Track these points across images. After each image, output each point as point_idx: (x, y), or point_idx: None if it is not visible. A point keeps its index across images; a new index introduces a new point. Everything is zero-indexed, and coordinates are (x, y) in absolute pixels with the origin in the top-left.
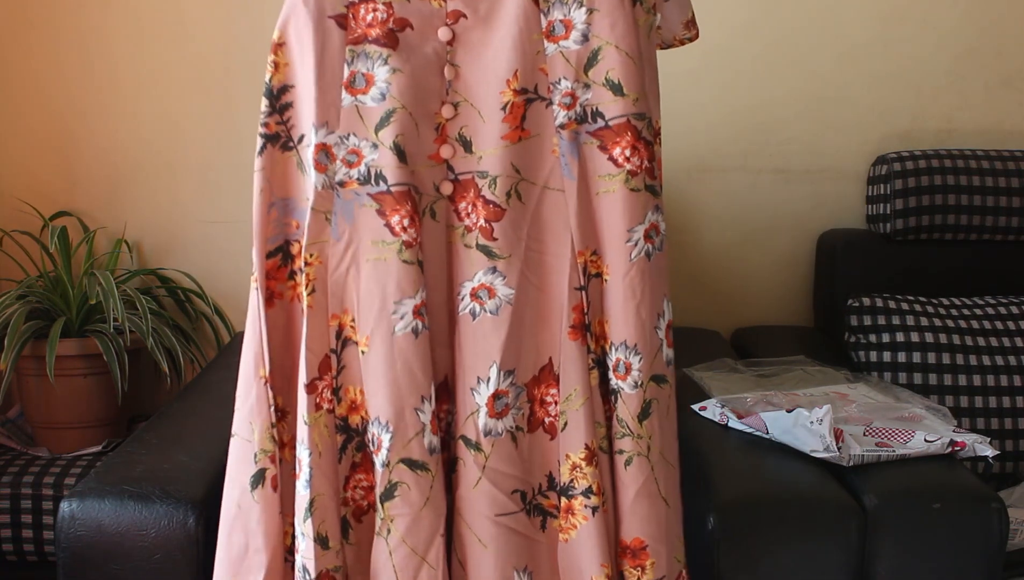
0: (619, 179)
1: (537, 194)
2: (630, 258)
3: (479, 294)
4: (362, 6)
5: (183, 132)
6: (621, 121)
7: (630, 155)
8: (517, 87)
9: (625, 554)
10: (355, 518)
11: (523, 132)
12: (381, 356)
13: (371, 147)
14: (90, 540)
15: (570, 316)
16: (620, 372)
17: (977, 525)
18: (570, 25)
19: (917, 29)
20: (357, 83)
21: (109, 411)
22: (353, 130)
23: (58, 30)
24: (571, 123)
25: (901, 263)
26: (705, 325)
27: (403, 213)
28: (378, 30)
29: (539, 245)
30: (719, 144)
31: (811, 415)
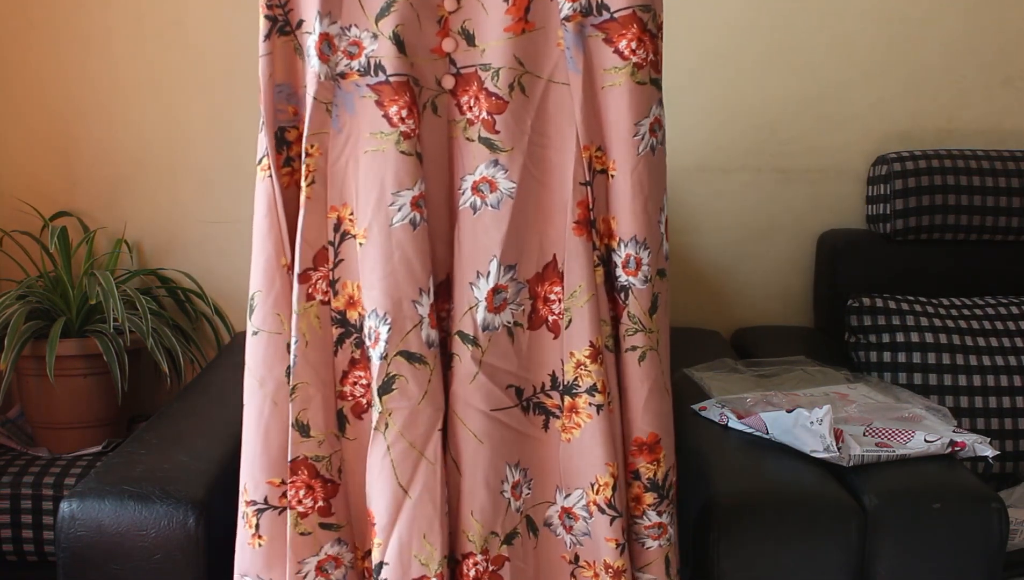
0: (625, 72)
1: (542, 87)
2: (637, 152)
3: (480, 188)
4: None
5: (183, 132)
6: (627, 13)
7: (636, 48)
8: None
9: (641, 451)
10: (354, 414)
11: (527, 24)
12: (379, 247)
13: (371, 38)
14: (90, 540)
15: (575, 212)
16: (631, 268)
17: (977, 525)
18: None
19: (917, 29)
20: None
21: (109, 411)
22: (354, 21)
23: (58, 30)
24: (576, 15)
25: (901, 263)
26: (705, 325)
27: (401, 104)
28: None
29: (543, 139)
30: (719, 144)
31: (811, 415)
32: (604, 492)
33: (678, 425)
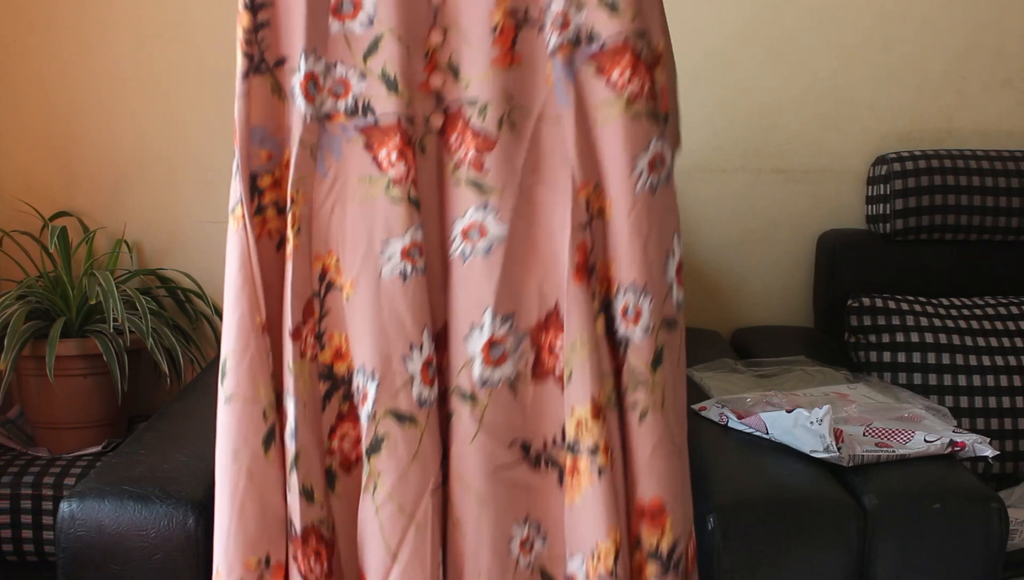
0: (619, 106)
1: (532, 124)
2: (634, 191)
3: (470, 234)
4: None
5: (183, 132)
6: (618, 42)
7: (629, 79)
8: (508, 7)
9: (643, 516)
10: (343, 469)
11: (514, 56)
12: (367, 301)
13: (359, 76)
14: (90, 540)
15: (573, 256)
16: (630, 317)
17: (977, 525)
18: None
19: (917, 29)
20: (344, 8)
21: (109, 411)
22: (340, 58)
23: (58, 31)
24: (565, 46)
25: (901, 263)
26: (705, 325)
27: (391, 146)
28: None
29: (536, 178)
30: (719, 144)
31: (811, 415)
32: (605, 561)
33: None
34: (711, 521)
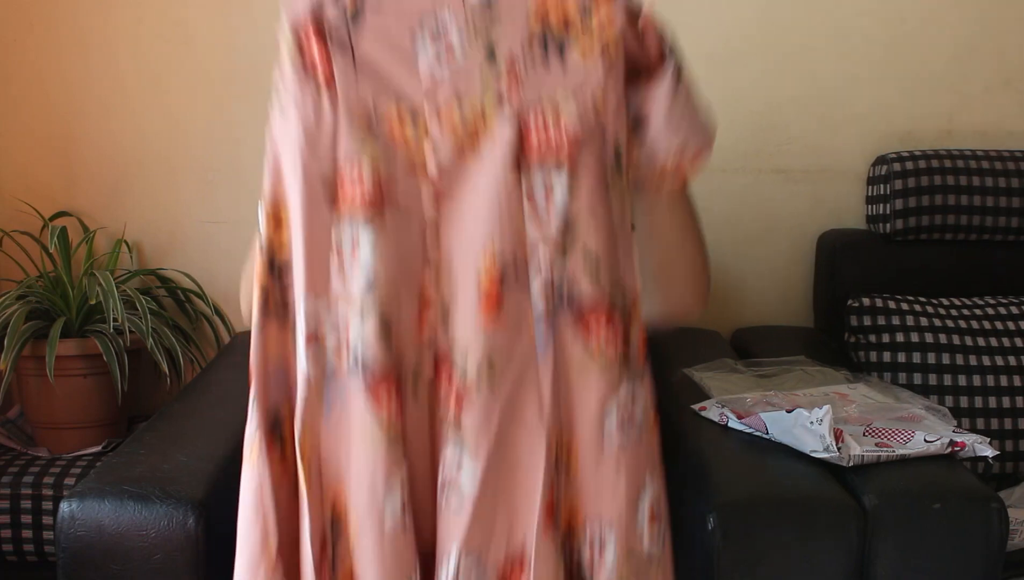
0: (594, 358)
1: (509, 381)
2: (602, 442)
3: (448, 487)
4: (348, 168)
5: (183, 132)
6: (596, 297)
7: (605, 330)
8: (494, 251)
9: None
10: None
11: (500, 314)
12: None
13: (359, 320)
14: (90, 540)
15: (544, 497)
16: (595, 555)
17: (977, 525)
18: (550, 190)
19: (917, 29)
20: (343, 250)
21: (109, 411)
22: (340, 297)
23: (58, 31)
24: (549, 300)
25: (901, 263)
26: (705, 325)
27: (385, 390)
28: (365, 196)
29: (511, 427)
30: (719, 144)
31: (811, 415)
32: None
33: (678, 425)
34: (711, 521)
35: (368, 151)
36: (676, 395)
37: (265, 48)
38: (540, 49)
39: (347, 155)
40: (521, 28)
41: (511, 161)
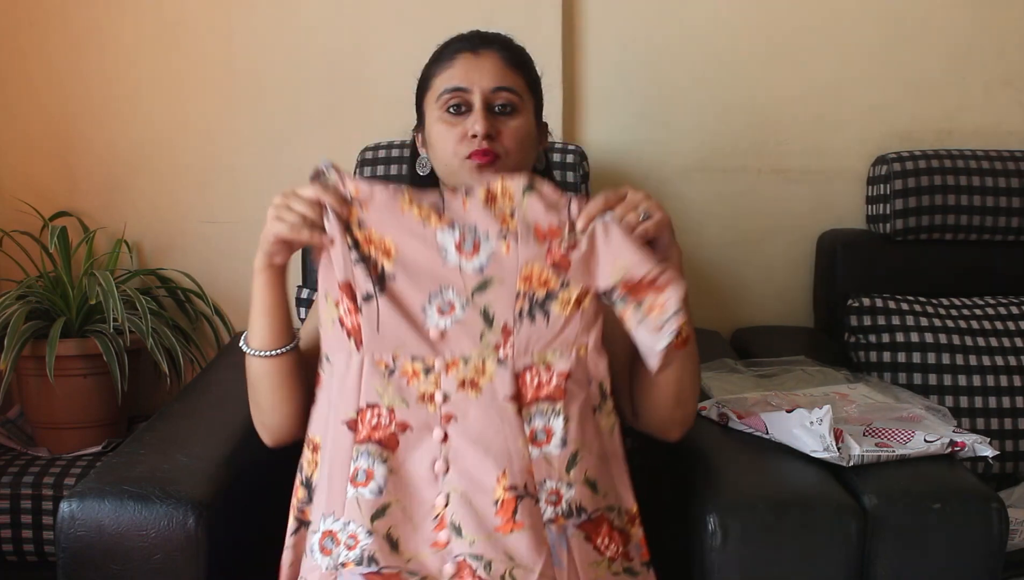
0: (603, 565)
1: (533, 574)
2: None
3: None
4: (368, 411)
5: (183, 132)
6: (598, 514)
7: (608, 542)
8: (507, 483)
9: None
10: None
11: (515, 524)
12: None
13: (366, 533)
14: (90, 540)
15: None
16: None
17: (977, 525)
18: (550, 432)
19: (917, 29)
20: (359, 478)
21: (109, 411)
22: (352, 518)
23: (58, 31)
24: (558, 519)
25: (901, 263)
26: (705, 325)
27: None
28: (381, 433)
29: None
30: (719, 144)
31: (811, 415)
32: None
33: None
34: (711, 521)
35: (386, 399)
36: None
37: (264, 48)
38: (527, 310)
39: (368, 401)
40: (510, 293)
41: (512, 404)
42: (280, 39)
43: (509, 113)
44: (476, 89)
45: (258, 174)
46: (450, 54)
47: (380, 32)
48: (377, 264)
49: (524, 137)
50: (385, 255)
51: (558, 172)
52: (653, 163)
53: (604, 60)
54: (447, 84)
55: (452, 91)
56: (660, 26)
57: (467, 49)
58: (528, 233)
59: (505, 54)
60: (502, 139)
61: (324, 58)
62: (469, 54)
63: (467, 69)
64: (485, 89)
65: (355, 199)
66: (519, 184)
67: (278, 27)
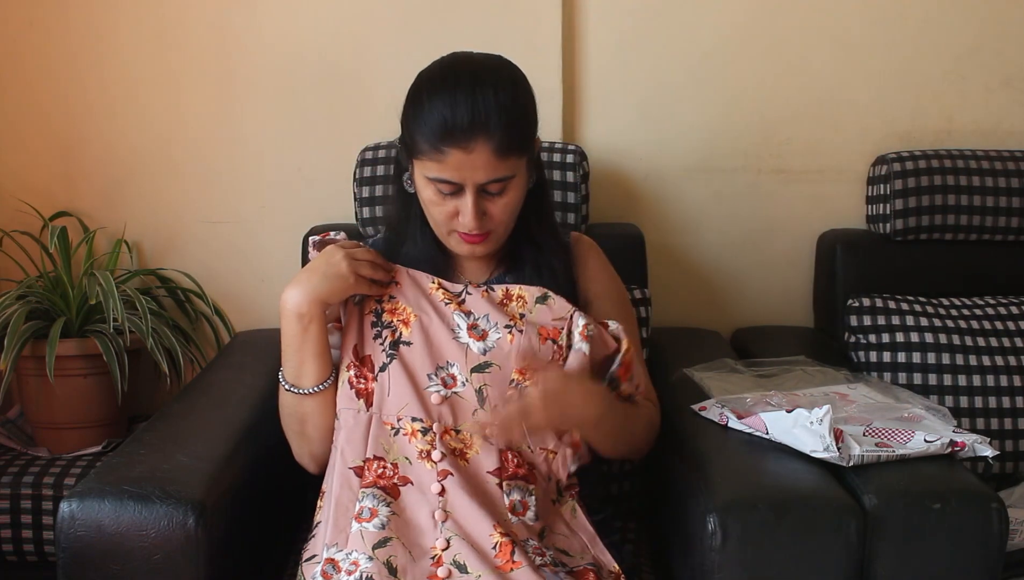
0: None
1: None
2: None
3: None
4: (375, 462)
5: (183, 132)
6: (580, 568)
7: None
8: (501, 532)
9: None
10: None
11: (514, 563)
12: None
13: (367, 559)
14: (90, 540)
15: None
16: None
17: (977, 525)
18: (526, 506)
19: (917, 29)
20: (363, 515)
21: (109, 411)
22: (355, 548)
23: (58, 30)
24: (548, 565)
25: (901, 263)
26: (705, 325)
27: None
28: (385, 482)
29: None
30: (719, 144)
31: (811, 415)
32: None
33: (678, 425)
34: (711, 521)
35: (391, 455)
36: (676, 395)
37: (264, 48)
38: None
39: (375, 454)
40: (505, 379)
41: (494, 477)
42: (280, 39)
43: (501, 192)
44: (468, 183)
45: (258, 174)
46: (439, 144)
47: (380, 32)
48: (396, 330)
49: (515, 205)
50: (404, 324)
51: (558, 172)
52: (653, 163)
53: (604, 60)
54: (438, 174)
55: (443, 182)
56: (660, 26)
57: (458, 145)
58: (532, 331)
59: (497, 142)
60: (493, 216)
61: (324, 58)
62: (460, 152)
63: (459, 167)
64: (477, 182)
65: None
66: (534, 294)
67: (277, 27)
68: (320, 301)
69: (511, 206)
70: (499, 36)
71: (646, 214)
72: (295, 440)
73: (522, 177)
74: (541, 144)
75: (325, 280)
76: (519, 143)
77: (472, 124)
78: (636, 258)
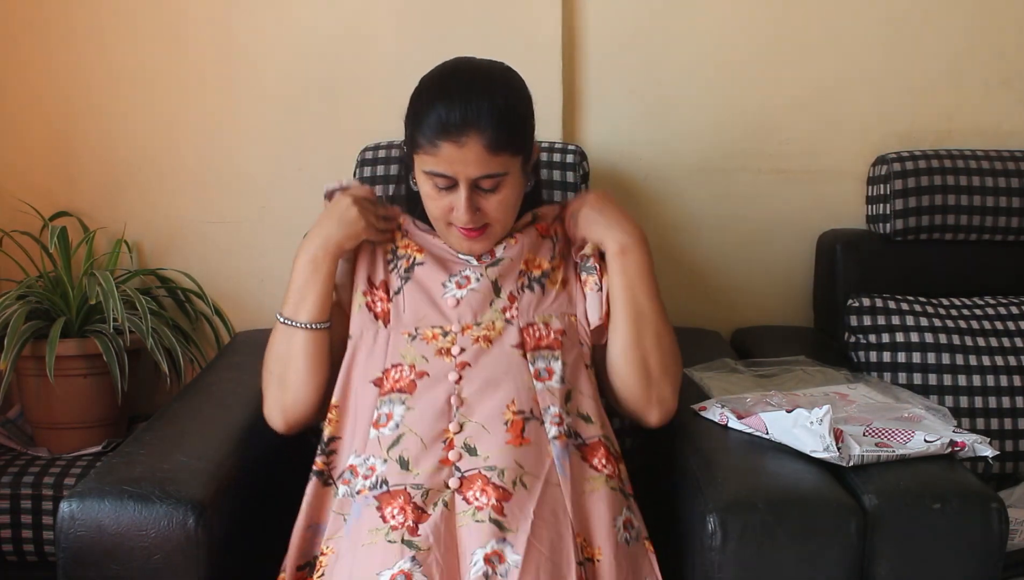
0: (600, 480)
1: (540, 485)
2: (617, 542)
3: (491, 559)
4: (393, 369)
5: (183, 132)
6: (594, 440)
7: (605, 463)
8: (515, 409)
9: None
10: None
11: (523, 439)
12: None
13: (382, 462)
14: (90, 540)
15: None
16: None
17: (977, 525)
18: (552, 372)
19: (917, 29)
20: (380, 421)
21: (109, 411)
22: (372, 453)
23: (58, 30)
24: (561, 436)
25: (901, 263)
26: (705, 325)
27: (396, 505)
28: (402, 383)
29: (543, 523)
30: (719, 144)
31: (811, 415)
32: None
33: (678, 425)
34: (711, 521)
35: (408, 358)
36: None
37: (264, 48)
38: (527, 284)
39: (392, 362)
40: (515, 270)
41: (518, 350)
42: (280, 39)
43: (495, 189)
44: (461, 177)
45: (258, 174)
46: (433, 137)
47: (380, 33)
48: (410, 258)
49: (510, 203)
50: (418, 252)
51: (558, 172)
52: (653, 163)
53: (604, 60)
54: (432, 168)
55: (438, 175)
56: (660, 26)
57: (451, 139)
58: (531, 229)
59: (489, 139)
60: (487, 212)
61: (324, 58)
62: (453, 145)
63: (451, 161)
64: (470, 177)
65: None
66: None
67: (278, 27)
68: (334, 245)
69: (505, 203)
70: (499, 37)
71: (646, 214)
72: (272, 388)
73: (516, 177)
74: (540, 150)
75: (339, 226)
76: (511, 142)
77: (464, 121)
78: None
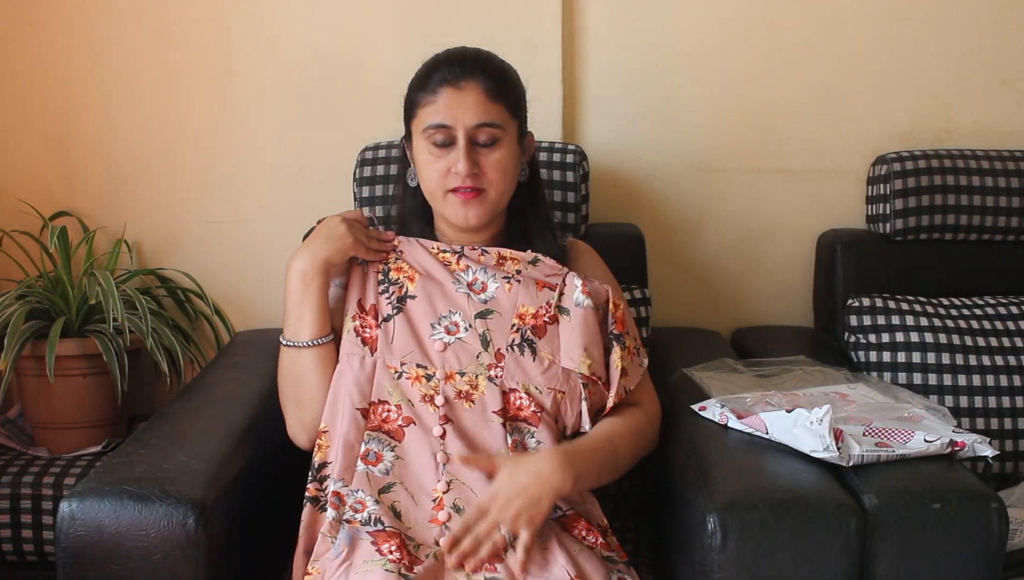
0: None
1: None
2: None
3: None
4: (380, 406)
5: (183, 132)
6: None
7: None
8: None
9: None
10: None
11: None
12: None
13: (373, 502)
14: (90, 540)
15: None
16: None
17: (977, 525)
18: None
19: (917, 29)
20: (369, 457)
21: (109, 411)
22: (361, 487)
23: (58, 30)
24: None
25: (901, 263)
26: (705, 325)
27: (392, 545)
28: (390, 425)
29: (535, 557)
30: (719, 144)
31: (811, 415)
32: None
33: (678, 425)
34: (711, 521)
35: (395, 397)
36: (676, 395)
37: (264, 48)
38: (518, 343)
39: (379, 398)
40: (507, 325)
41: (498, 417)
42: (280, 40)
43: (492, 145)
44: (459, 125)
45: (258, 174)
46: (433, 85)
47: (380, 32)
48: (402, 286)
49: (507, 166)
50: (410, 281)
51: (558, 172)
52: (653, 163)
53: (604, 60)
54: (431, 119)
55: (436, 127)
56: (660, 26)
57: (449, 83)
58: (530, 282)
59: (487, 84)
60: (485, 172)
61: (324, 58)
62: (451, 89)
63: (450, 105)
64: (468, 125)
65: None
66: (525, 258)
67: (278, 27)
68: (322, 260)
69: (502, 164)
70: (499, 35)
71: (646, 214)
72: (289, 408)
73: (512, 142)
74: (539, 150)
75: (326, 242)
76: (508, 92)
77: (463, 68)
78: (636, 258)
